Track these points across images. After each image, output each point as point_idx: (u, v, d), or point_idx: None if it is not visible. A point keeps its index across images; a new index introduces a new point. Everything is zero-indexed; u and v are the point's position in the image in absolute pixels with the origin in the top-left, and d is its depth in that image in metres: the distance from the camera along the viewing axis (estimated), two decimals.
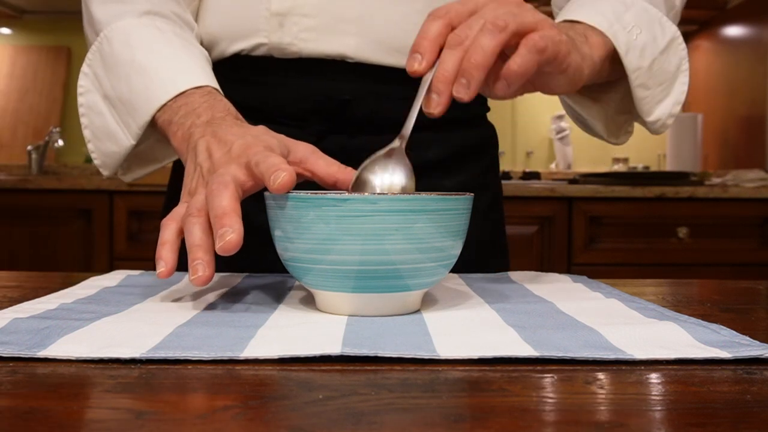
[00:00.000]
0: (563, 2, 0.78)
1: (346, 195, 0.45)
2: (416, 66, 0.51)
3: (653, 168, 3.01)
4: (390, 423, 0.28)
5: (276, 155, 0.50)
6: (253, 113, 0.74)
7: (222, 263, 0.70)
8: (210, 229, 0.48)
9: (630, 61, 0.64)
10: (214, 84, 0.65)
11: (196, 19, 0.77)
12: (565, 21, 0.64)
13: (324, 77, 0.72)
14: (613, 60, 0.64)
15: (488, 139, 0.83)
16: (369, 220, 0.45)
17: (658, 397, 0.32)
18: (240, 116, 0.61)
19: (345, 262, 0.46)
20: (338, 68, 0.71)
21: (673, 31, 0.68)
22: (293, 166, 0.54)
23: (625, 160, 2.98)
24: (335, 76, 0.71)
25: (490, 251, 0.82)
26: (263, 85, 0.73)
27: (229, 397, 0.31)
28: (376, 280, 0.47)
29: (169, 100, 0.62)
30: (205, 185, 0.52)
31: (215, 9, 0.74)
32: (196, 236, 0.49)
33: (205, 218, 0.49)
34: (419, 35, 0.51)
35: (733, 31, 2.80)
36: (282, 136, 0.56)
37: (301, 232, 0.47)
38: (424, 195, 0.47)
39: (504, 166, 2.89)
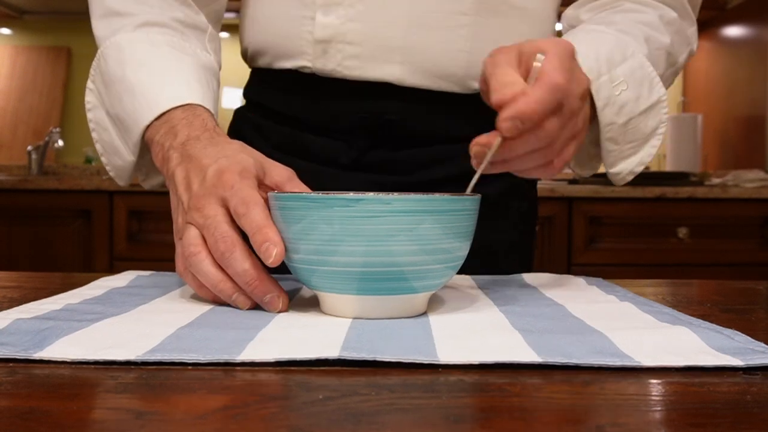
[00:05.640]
0: (575, 21, 0.77)
1: (353, 195, 0.45)
2: (510, 133, 0.51)
3: (653, 168, 3.01)
4: (390, 423, 0.28)
5: (249, 189, 0.50)
6: (298, 123, 0.75)
7: None
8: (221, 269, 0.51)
9: (605, 116, 0.64)
10: (197, 99, 0.64)
11: (241, 25, 0.78)
12: None
13: (370, 98, 0.72)
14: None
15: None
16: (375, 221, 0.45)
17: (658, 398, 0.32)
18: (219, 130, 0.61)
19: (350, 264, 0.46)
20: (384, 91, 0.71)
21: (660, 94, 0.68)
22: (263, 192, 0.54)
23: None
24: (381, 97, 0.72)
25: (521, 259, 0.82)
26: (309, 99, 0.74)
27: (229, 398, 0.31)
28: (382, 282, 0.47)
29: (154, 120, 0.62)
30: (191, 220, 0.52)
31: (259, 22, 0.75)
32: (226, 294, 0.51)
33: (212, 261, 0.51)
34: (535, 104, 0.50)
35: (733, 31, 2.80)
36: (258, 155, 0.56)
37: (307, 233, 0.46)
38: (429, 195, 0.47)
39: None
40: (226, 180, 0.51)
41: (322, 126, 0.74)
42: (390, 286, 0.47)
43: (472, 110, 0.56)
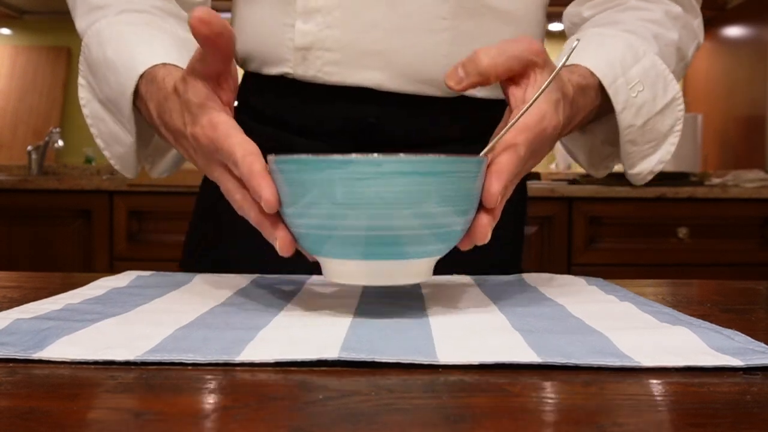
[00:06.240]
0: (576, 18, 0.77)
1: (351, 157, 0.44)
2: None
3: None
4: (390, 423, 0.28)
5: (224, 143, 0.49)
6: (283, 125, 0.76)
7: (235, 263, 0.70)
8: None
9: (624, 119, 0.64)
10: (166, 58, 0.62)
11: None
12: (574, 65, 0.63)
13: (350, 103, 0.72)
14: (605, 98, 0.64)
15: None
16: (374, 183, 0.43)
17: (658, 397, 0.32)
18: (167, 83, 0.58)
19: (351, 228, 0.45)
20: (364, 95, 0.71)
21: (675, 91, 0.68)
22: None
23: None
24: (362, 102, 0.72)
25: (513, 252, 0.82)
26: (294, 103, 0.74)
27: (229, 398, 0.31)
28: (384, 246, 0.46)
29: (135, 88, 0.62)
30: (218, 179, 0.53)
31: (245, 29, 0.75)
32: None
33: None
34: (509, 176, 0.50)
35: (733, 31, 2.80)
36: (183, 80, 0.53)
37: (304, 197, 0.45)
38: (431, 156, 0.45)
39: None
40: (205, 145, 0.51)
41: (306, 129, 0.74)
42: (393, 251, 0.46)
43: (453, 113, 0.55)
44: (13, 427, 0.27)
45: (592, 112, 0.64)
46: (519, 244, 0.85)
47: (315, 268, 0.68)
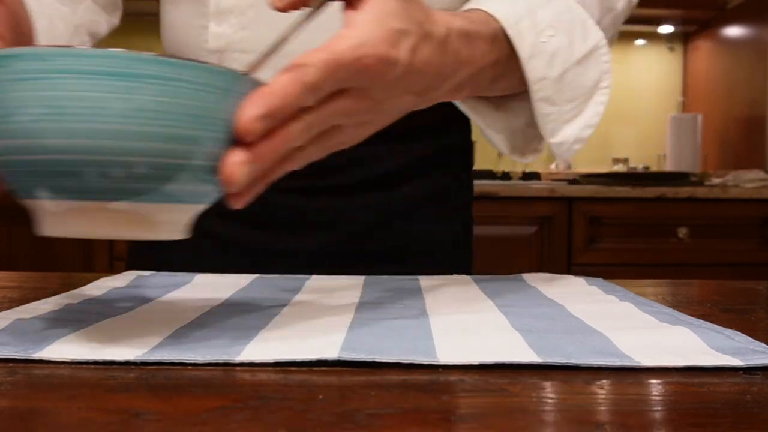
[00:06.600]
0: None
1: (18, 50, 0.32)
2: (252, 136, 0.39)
3: (653, 168, 3.01)
4: (390, 423, 0.28)
5: None
6: None
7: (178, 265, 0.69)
8: None
9: (533, 68, 0.54)
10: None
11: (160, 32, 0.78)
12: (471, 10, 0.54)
13: None
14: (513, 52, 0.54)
15: (460, 142, 0.79)
16: (43, 86, 0.32)
17: (658, 397, 0.32)
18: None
19: (27, 150, 0.33)
20: None
21: (598, 38, 0.57)
22: None
23: (625, 161, 2.98)
24: None
25: (460, 253, 0.81)
26: None
27: (229, 398, 0.31)
28: (69, 180, 0.33)
29: None
30: None
31: (168, 30, 0.75)
32: None
33: None
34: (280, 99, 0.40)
35: (733, 31, 2.80)
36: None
37: None
38: (135, 54, 0.32)
39: (504, 166, 2.90)
40: None
41: None
42: (83, 187, 0.34)
43: None
44: (13, 427, 0.27)
45: (487, 69, 0.53)
46: (470, 220, 0.82)
47: (314, 268, 0.68)
